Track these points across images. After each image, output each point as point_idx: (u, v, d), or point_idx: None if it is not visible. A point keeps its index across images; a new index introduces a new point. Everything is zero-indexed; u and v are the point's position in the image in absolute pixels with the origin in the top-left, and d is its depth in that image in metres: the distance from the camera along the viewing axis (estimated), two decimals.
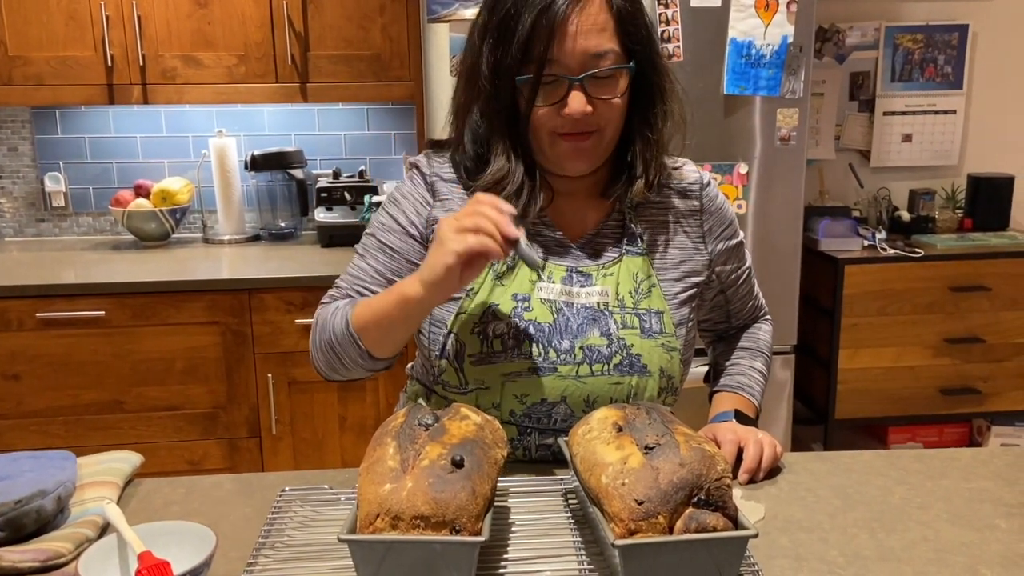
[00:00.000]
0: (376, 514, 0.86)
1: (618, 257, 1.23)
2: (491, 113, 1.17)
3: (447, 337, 1.19)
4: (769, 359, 1.40)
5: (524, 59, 1.10)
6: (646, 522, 0.85)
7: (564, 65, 1.10)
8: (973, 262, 2.74)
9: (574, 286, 1.20)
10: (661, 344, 1.20)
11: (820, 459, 1.24)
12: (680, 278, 1.25)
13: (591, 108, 1.11)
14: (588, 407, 1.18)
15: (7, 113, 2.86)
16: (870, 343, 2.74)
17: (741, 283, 1.35)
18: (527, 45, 1.09)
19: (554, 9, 1.08)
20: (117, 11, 2.51)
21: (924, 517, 1.06)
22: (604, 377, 1.18)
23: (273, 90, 2.62)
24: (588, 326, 1.18)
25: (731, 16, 2.37)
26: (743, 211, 2.49)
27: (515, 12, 1.10)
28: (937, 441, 2.98)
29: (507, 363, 1.17)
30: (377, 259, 1.23)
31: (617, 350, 1.18)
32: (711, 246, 1.28)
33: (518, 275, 1.20)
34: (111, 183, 2.92)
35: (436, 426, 0.95)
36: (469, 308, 1.18)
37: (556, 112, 1.12)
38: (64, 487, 1.03)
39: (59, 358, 2.36)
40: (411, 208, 1.24)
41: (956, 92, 3.12)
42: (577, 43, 1.09)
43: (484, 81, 1.14)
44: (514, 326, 1.17)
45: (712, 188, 1.30)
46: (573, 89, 1.10)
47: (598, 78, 1.11)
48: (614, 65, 1.11)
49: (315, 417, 2.50)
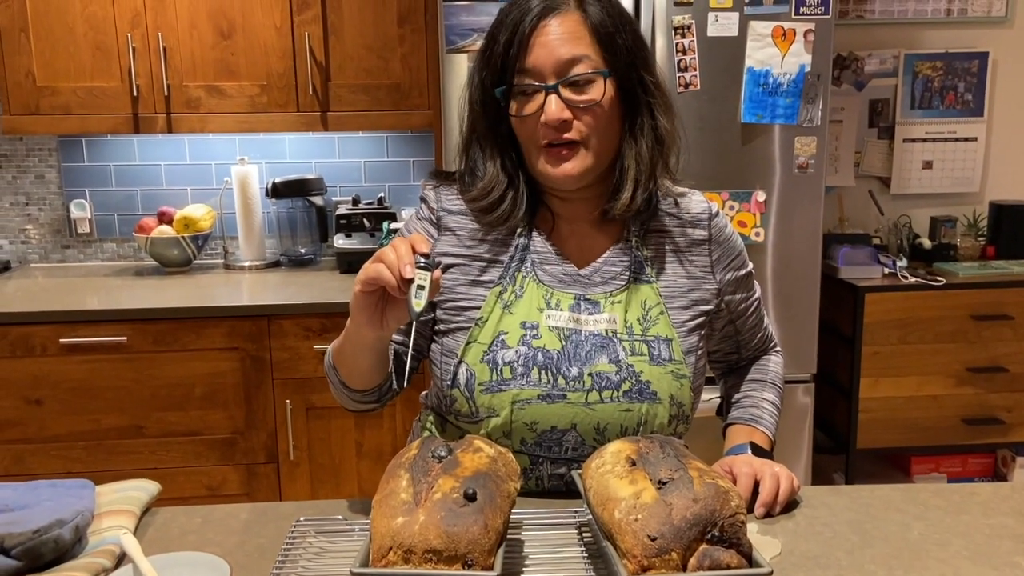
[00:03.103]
0: (389, 547, 0.87)
1: (626, 285, 1.23)
2: (481, 134, 1.21)
3: (458, 366, 1.20)
4: (781, 390, 1.40)
5: (502, 74, 1.16)
6: (659, 558, 0.85)
7: (538, 74, 1.13)
8: (996, 290, 2.71)
9: (582, 313, 1.20)
10: (671, 371, 1.20)
11: (837, 493, 1.22)
12: (688, 306, 1.25)
13: (569, 114, 1.13)
14: (599, 434, 1.18)
15: (35, 142, 2.91)
16: (891, 372, 2.72)
17: (751, 313, 1.35)
18: (503, 60, 1.15)
19: (525, 22, 1.13)
20: (143, 42, 2.57)
21: (943, 554, 1.04)
22: (614, 404, 1.18)
23: (294, 119, 2.66)
24: (596, 353, 1.18)
25: (748, 46, 2.38)
26: (761, 239, 2.49)
27: (495, 34, 1.17)
28: (961, 471, 2.94)
29: (517, 390, 1.17)
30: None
31: (626, 377, 1.18)
32: (719, 275, 1.28)
33: (526, 302, 1.20)
34: (135, 210, 2.97)
35: (449, 458, 0.95)
36: (479, 337, 1.19)
37: (537, 122, 1.15)
38: (82, 516, 1.04)
39: (81, 383, 2.39)
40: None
41: (977, 119, 3.11)
42: (549, 51, 1.12)
43: (475, 104, 1.20)
44: (523, 353, 1.18)
45: (721, 218, 1.31)
46: (549, 95, 1.13)
47: (574, 84, 1.13)
48: (590, 71, 1.13)
49: (332, 443, 2.51)
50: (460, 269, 1.24)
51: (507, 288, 1.21)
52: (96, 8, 2.54)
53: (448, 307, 1.23)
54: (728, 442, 1.31)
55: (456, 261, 1.24)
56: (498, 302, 1.20)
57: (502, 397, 1.17)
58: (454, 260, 1.24)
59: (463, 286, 1.23)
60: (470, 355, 1.19)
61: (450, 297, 1.23)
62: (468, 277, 1.23)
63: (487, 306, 1.20)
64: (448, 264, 1.24)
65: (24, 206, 2.96)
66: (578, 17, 1.14)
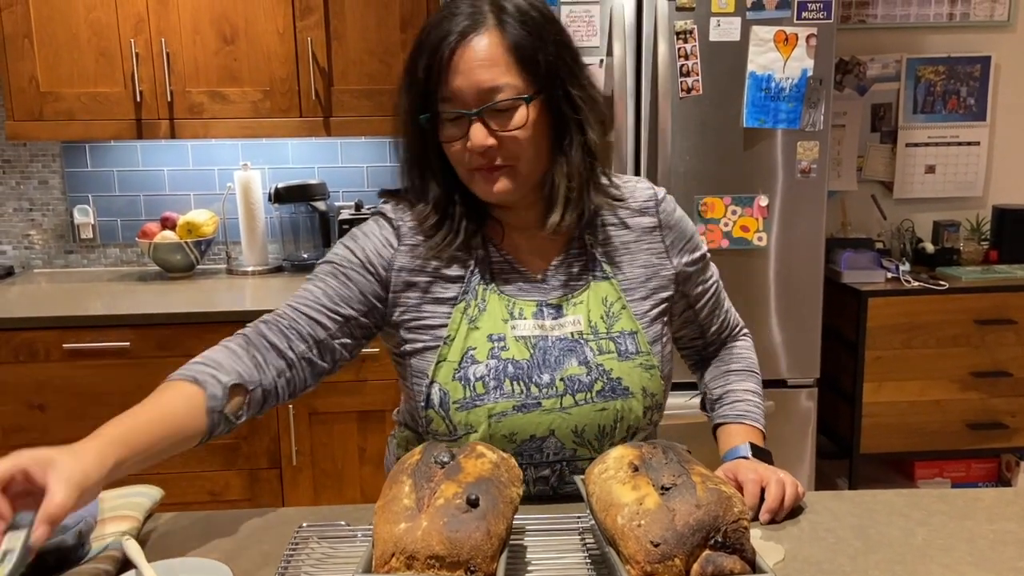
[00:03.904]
0: (391, 553, 0.86)
1: (584, 284, 1.23)
2: (415, 157, 1.20)
3: (430, 387, 1.19)
4: (758, 375, 1.39)
5: (425, 100, 1.13)
6: (662, 564, 0.85)
7: (461, 101, 1.11)
8: (999, 295, 2.71)
9: (546, 319, 1.21)
10: (639, 364, 1.20)
11: (840, 498, 1.22)
12: (648, 295, 1.25)
13: (494, 141, 1.12)
14: (577, 437, 1.19)
15: (38, 147, 2.92)
16: (895, 376, 2.71)
17: (709, 296, 1.35)
18: (424, 86, 1.13)
19: (444, 47, 1.10)
20: (146, 48, 2.57)
21: (946, 560, 1.04)
22: (588, 405, 1.18)
23: (297, 124, 2.66)
24: (565, 357, 1.19)
25: (750, 50, 2.38)
26: (764, 244, 2.48)
27: (415, 58, 1.14)
28: (965, 476, 2.93)
29: (491, 404, 1.17)
30: (328, 284, 1.21)
31: (597, 377, 1.19)
32: (675, 259, 1.28)
33: (490, 315, 1.20)
34: (138, 215, 2.97)
35: (452, 464, 0.95)
36: (448, 355, 1.19)
37: (464, 147, 1.13)
38: (85, 522, 1.04)
39: (84, 389, 2.39)
40: (372, 246, 1.23)
41: (979, 123, 3.11)
42: (469, 78, 1.10)
43: (405, 129, 1.18)
44: (493, 367, 1.17)
45: (668, 202, 1.30)
46: (473, 123, 1.11)
47: (497, 111, 1.11)
48: (511, 97, 1.11)
49: (335, 448, 2.51)
50: (421, 287, 1.22)
51: (470, 303, 1.20)
52: (99, 14, 2.55)
53: (413, 327, 1.22)
54: (723, 444, 1.31)
55: (416, 279, 1.22)
56: (463, 318, 1.19)
57: (478, 413, 1.17)
58: (414, 278, 1.22)
59: (427, 304, 1.22)
60: (441, 374, 1.18)
61: (414, 317, 1.22)
62: (430, 295, 1.22)
63: (453, 323, 1.19)
64: (409, 282, 1.22)
65: (28, 211, 2.97)
66: (497, 38, 1.11)
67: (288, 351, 1.18)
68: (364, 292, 1.21)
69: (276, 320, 1.20)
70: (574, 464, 1.22)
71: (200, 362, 1.17)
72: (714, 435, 1.35)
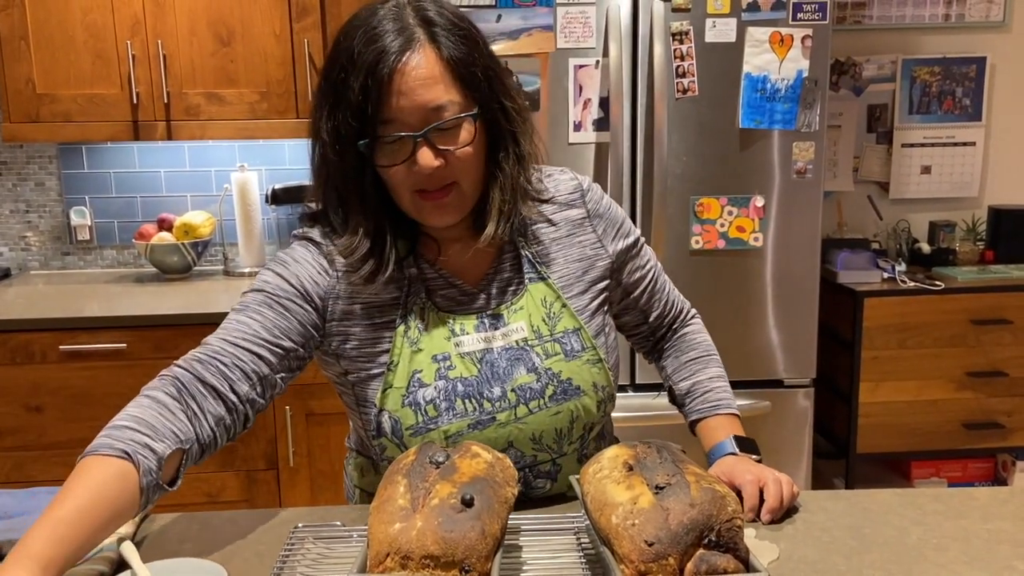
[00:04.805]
0: (386, 553, 0.87)
1: (521, 289, 1.22)
2: (340, 185, 1.13)
3: (379, 416, 1.16)
4: (717, 356, 1.37)
5: (362, 124, 1.06)
6: (656, 563, 0.85)
7: (404, 123, 1.06)
8: (995, 295, 2.71)
9: (489, 331, 1.19)
10: (586, 360, 1.20)
11: (836, 498, 1.22)
12: (586, 289, 1.25)
13: (442, 161, 1.08)
14: (536, 443, 1.19)
15: (35, 149, 2.92)
16: (891, 376, 2.72)
17: (648, 281, 1.33)
18: (361, 109, 1.05)
19: (380, 69, 1.04)
20: (143, 50, 2.57)
21: (941, 559, 1.05)
22: (543, 412, 1.18)
23: (294, 125, 2.66)
24: (513, 367, 1.17)
25: (746, 51, 2.39)
26: (760, 244, 2.49)
27: (344, 77, 1.06)
28: (961, 476, 2.94)
29: (446, 426, 1.15)
30: (264, 315, 1.14)
31: (548, 382, 1.18)
32: (611, 247, 1.27)
33: (432, 335, 1.17)
34: (135, 217, 2.97)
35: (447, 464, 0.96)
36: (394, 382, 1.16)
37: (408, 170, 1.08)
38: None
39: (81, 390, 2.39)
40: (307, 273, 1.17)
41: (975, 124, 3.11)
42: (412, 99, 1.05)
43: (328, 150, 1.11)
44: (442, 388, 1.15)
45: (594, 191, 1.28)
46: (419, 145, 1.07)
47: (442, 130, 1.07)
48: (457, 115, 1.07)
49: (332, 449, 2.51)
50: (358, 315, 1.18)
51: (410, 325, 1.17)
52: (96, 16, 2.55)
53: (354, 356, 1.18)
54: (705, 441, 1.29)
55: (352, 307, 1.17)
56: (404, 341, 1.16)
57: (432, 436, 1.15)
58: (351, 306, 1.18)
59: (366, 332, 1.18)
60: (390, 402, 1.16)
61: (354, 345, 1.18)
62: (368, 321, 1.18)
63: (395, 348, 1.16)
64: (346, 310, 1.17)
65: (24, 213, 2.96)
66: (433, 54, 1.06)
67: (230, 394, 1.09)
68: (303, 323, 1.15)
69: (213, 358, 1.10)
70: (536, 469, 1.21)
71: (128, 425, 1.03)
72: (692, 430, 1.34)
